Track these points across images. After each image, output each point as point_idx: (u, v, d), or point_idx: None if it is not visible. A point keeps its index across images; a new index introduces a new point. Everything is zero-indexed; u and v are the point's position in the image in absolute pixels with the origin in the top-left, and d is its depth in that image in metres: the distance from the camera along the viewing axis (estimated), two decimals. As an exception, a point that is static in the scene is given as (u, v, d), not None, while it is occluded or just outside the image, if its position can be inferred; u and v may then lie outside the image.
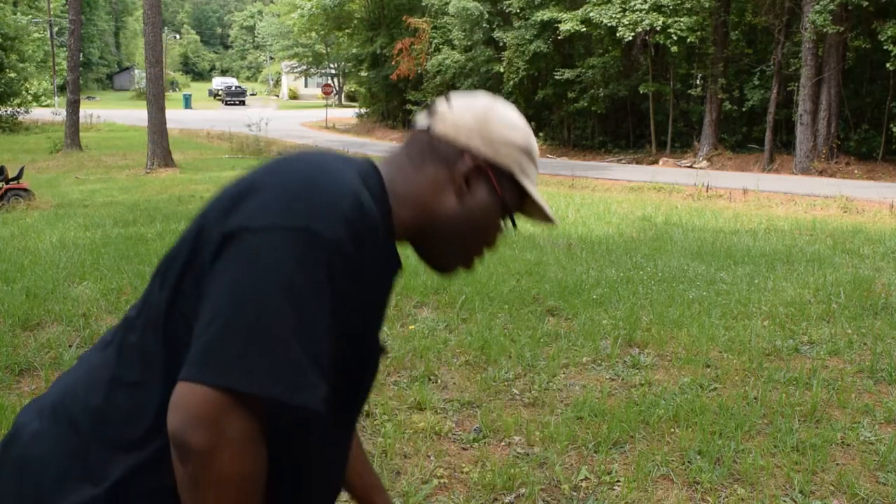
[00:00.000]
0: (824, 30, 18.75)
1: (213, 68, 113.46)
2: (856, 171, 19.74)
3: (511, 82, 28.15)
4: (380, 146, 30.29)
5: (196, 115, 47.04)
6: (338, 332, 0.99)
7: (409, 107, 37.20)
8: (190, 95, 61.49)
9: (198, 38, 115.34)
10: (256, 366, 0.90)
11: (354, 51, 41.16)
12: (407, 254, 1.21)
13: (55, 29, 49.01)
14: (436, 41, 33.32)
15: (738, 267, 7.42)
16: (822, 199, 14.59)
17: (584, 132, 28.71)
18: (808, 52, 20.04)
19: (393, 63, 35.01)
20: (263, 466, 0.95)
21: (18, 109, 35.76)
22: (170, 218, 10.05)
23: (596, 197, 14.95)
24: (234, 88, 66.68)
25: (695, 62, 25.62)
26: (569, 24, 23.99)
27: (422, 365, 4.41)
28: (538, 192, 1.21)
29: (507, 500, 3.00)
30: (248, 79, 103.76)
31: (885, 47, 18.42)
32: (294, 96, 74.83)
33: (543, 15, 25.73)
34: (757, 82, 23.24)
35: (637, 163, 24.61)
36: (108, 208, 11.51)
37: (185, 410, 0.89)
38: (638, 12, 22.48)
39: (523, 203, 1.20)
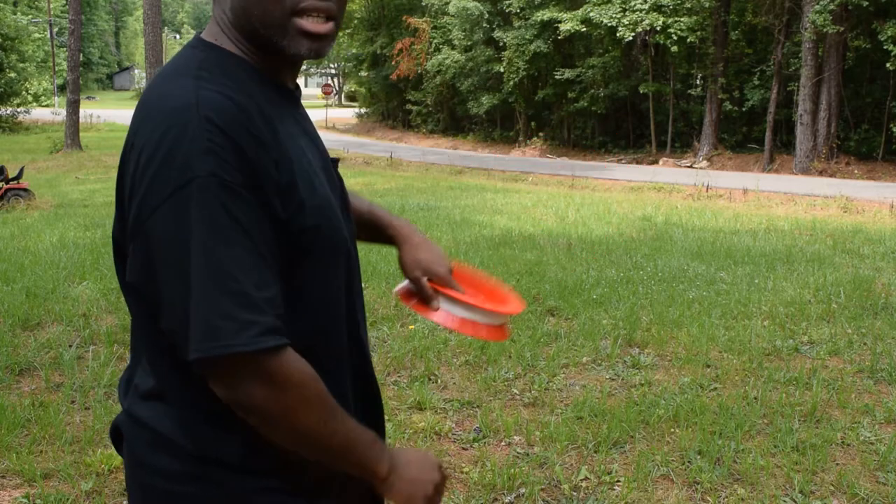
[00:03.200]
0: (824, 30, 18.76)
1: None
2: (856, 171, 19.74)
3: (511, 82, 28.16)
4: (380, 146, 30.30)
5: (196, 115, 46.85)
6: (290, 212, 1.03)
7: (409, 107, 37.23)
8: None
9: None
10: (200, 331, 0.95)
11: (354, 51, 41.19)
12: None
13: (55, 29, 49.03)
14: (436, 41, 33.33)
15: (738, 267, 7.42)
16: (822, 199, 14.59)
17: (584, 132, 28.72)
18: (808, 52, 20.05)
19: (393, 63, 35.02)
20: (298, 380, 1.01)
21: (18, 109, 35.78)
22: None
23: (596, 197, 14.95)
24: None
25: (695, 62, 25.63)
26: (569, 24, 24.00)
27: (422, 365, 4.41)
28: None
29: (507, 500, 3.00)
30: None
31: (885, 47, 18.43)
32: (294, 96, 74.60)
33: (543, 15, 25.75)
34: (757, 82, 23.25)
35: (637, 163, 24.62)
36: (108, 208, 11.50)
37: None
38: (638, 12, 22.49)
39: None
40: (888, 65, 18.60)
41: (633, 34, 22.72)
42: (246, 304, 0.95)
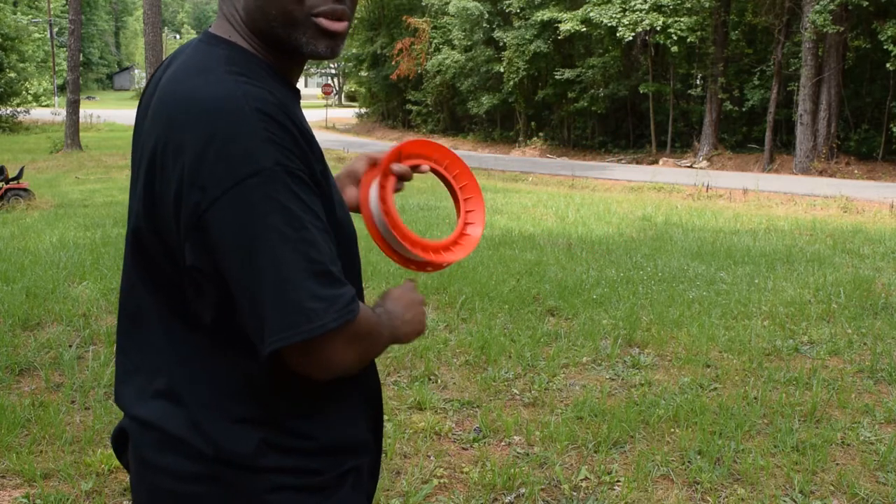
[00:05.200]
0: (824, 30, 18.75)
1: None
2: (856, 171, 19.74)
3: (511, 82, 28.16)
4: (380, 146, 30.30)
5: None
6: (326, 201, 1.06)
7: (409, 107, 37.23)
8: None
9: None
10: (292, 317, 0.97)
11: (354, 51, 41.17)
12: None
13: (55, 29, 49.03)
14: (436, 41, 33.32)
15: (738, 267, 7.42)
16: (822, 199, 14.59)
17: (584, 132, 28.72)
18: (808, 52, 20.05)
19: (393, 63, 35.02)
20: (361, 327, 1.05)
21: (18, 109, 35.78)
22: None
23: (596, 197, 14.95)
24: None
25: (695, 62, 25.63)
26: (569, 24, 24.00)
27: (422, 365, 4.41)
28: None
29: (507, 500, 3.00)
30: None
31: (885, 47, 18.43)
32: (294, 96, 74.64)
33: (543, 15, 25.74)
34: (757, 82, 23.24)
35: (637, 163, 24.61)
36: (108, 208, 11.51)
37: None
38: (638, 12, 22.49)
39: None
40: (888, 65, 18.60)
41: (633, 34, 22.72)
42: (330, 281, 0.99)
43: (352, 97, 61.01)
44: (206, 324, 1.06)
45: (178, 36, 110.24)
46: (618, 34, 22.83)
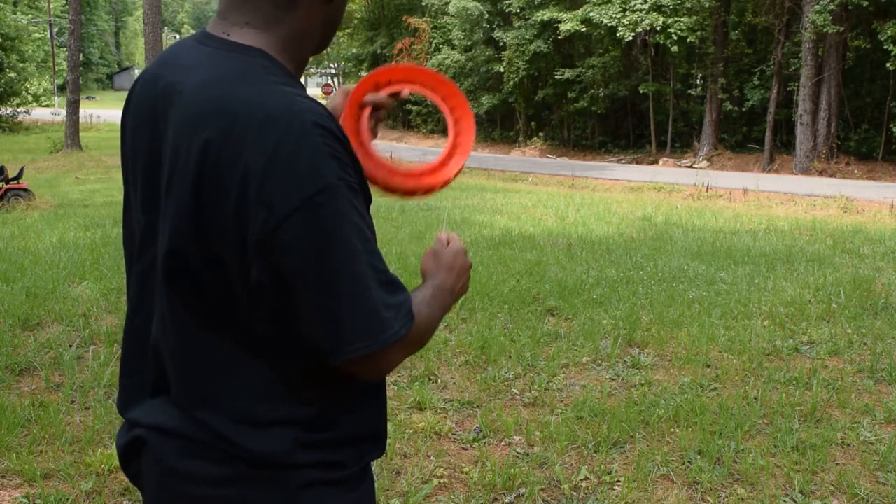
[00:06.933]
0: (824, 30, 18.76)
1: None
2: (856, 171, 19.74)
3: (511, 82, 28.16)
4: (380, 146, 30.19)
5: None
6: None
7: (409, 107, 37.24)
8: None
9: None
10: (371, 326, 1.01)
11: (354, 51, 41.18)
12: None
13: (55, 29, 49.04)
14: (436, 41, 33.35)
15: (738, 267, 7.42)
16: (822, 199, 14.60)
17: (584, 132, 28.72)
18: (808, 52, 20.05)
19: (393, 63, 35.02)
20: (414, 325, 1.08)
21: (18, 109, 35.80)
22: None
23: (596, 197, 14.96)
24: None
25: (695, 62, 25.63)
26: (569, 24, 24.01)
27: (422, 365, 4.41)
28: None
29: (507, 500, 3.00)
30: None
31: (885, 47, 18.43)
32: (294, 96, 74.69)
33: (543, 15, 25.76)
34: (757, 82, 23.25)
35: (637, 163, 24.62)
36: (108, 208, 11.50)
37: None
38: (638, 12, 22.50)
39: None
40: (888, 65, 18.60)
41: (633, 34, 22.73)
42: (395, 289, 1.04)
43: (352, 97, 60.90)
44: (257, 334, 1.04)
45: (177, 36, 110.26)
46: (618, 34, 22.84)
